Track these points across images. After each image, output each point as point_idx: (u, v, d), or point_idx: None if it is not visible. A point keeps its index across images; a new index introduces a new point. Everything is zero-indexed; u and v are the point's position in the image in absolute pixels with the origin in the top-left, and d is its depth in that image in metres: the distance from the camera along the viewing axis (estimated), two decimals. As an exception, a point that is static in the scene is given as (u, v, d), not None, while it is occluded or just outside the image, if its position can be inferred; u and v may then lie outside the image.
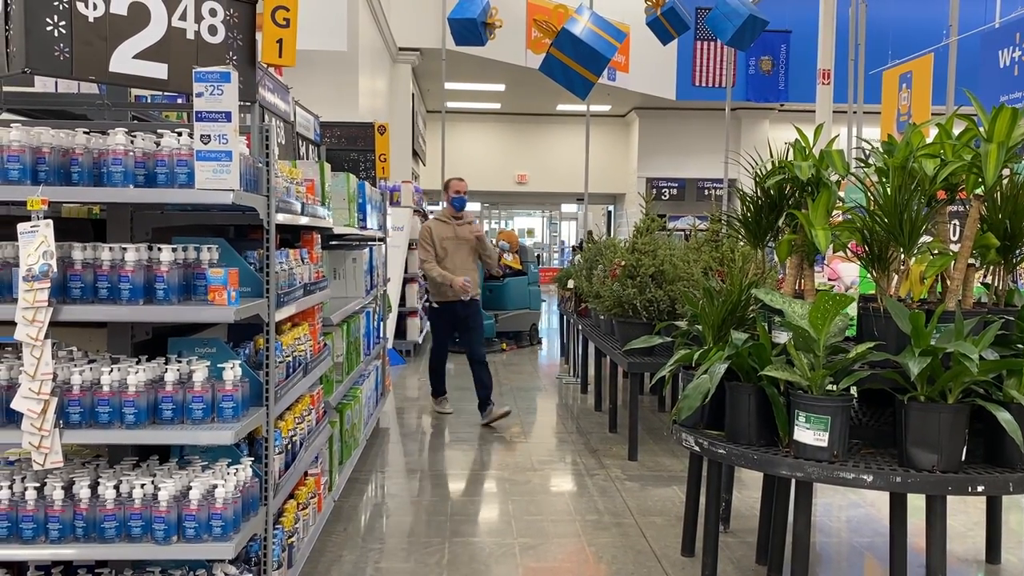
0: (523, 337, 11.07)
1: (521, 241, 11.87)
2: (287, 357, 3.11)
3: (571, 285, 8.07)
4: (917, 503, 3.22)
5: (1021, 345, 3.10)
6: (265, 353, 2.89)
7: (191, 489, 2.55)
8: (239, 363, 2.71)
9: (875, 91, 11.22)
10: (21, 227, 2.40)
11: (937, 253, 3.19)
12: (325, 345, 3.91)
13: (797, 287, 3.59)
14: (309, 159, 5.47)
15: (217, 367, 2.69)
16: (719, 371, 3.21)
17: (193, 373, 2.63)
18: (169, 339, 2.90)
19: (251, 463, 2.79)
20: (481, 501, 4.75)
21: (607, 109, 19.86)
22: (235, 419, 2.65)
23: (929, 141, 3.25)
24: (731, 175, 13.63)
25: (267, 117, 4.13)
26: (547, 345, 11.46)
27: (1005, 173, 3.14)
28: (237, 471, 2.69)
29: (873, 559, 4.00)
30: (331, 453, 4.15)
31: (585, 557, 3.92)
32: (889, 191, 3.12)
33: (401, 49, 13.60)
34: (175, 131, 2.64)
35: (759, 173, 3.69)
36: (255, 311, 2.77)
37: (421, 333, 10.29)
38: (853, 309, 3.29)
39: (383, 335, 6.33)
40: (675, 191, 19.80)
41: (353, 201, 4.89)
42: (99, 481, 2.58)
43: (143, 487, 2.54)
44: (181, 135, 2.61)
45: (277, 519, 3.06)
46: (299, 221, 3.32)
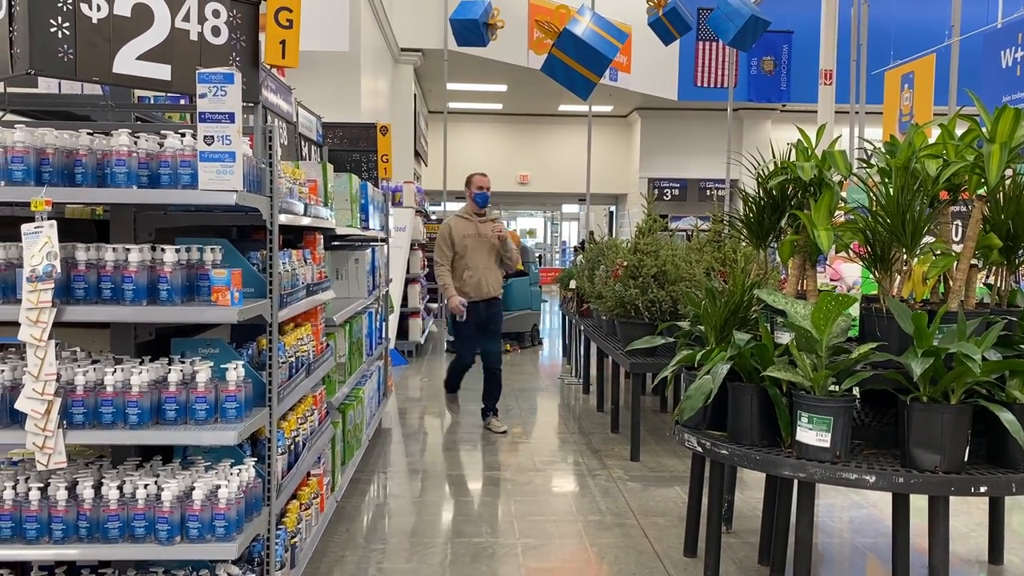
0: (524, 338, 11.08)
1: (523, 241, 11.88)
2: (290, 358, 3.11)
3: (573, 285, 8.07)
4: (920, 504, 3.22)
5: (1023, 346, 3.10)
6: (268, 354, 2.89)
7: (194, 489, 2.56)
8: (242, 364, 2.72)
9: (877, 91, 11.20)
10: (25, 228, 2.40)
11: (940, 254, 3.18)
12: (328, 346, 3.92)
13: (799, 288, 3.59)
14: (311, 160, 5.47)
15: (220, 368, 2.69)
16: (721, 372, 3.21)
17: (196, 374, 2.63)
18: (172, 340, 2.91)
19: (254, 463, 2.79)
20: (483, 501, 4.74)
21: (609, 109, 19.86)
22: (238, 419, 2.66)
23: (931, 141, 3.25)
24: (733, 176, 13.65)
25: (270, 118, 4.13)
26: (548, 345, 11.47)
27: (1008, 174, 3.14)
28: (240, 471, 2.69)
29: (875, 560, 4.00)
30: (334, 453, 4.16)
31: (587, 557, 3.92)
32: (891, 191, 3.12)
33: (403, 50, 13.60)
34: (178, 132, 2.65)
35: (761, 173, 3.69)
36: (258, 312, 2.77)
37: (423, 334, 10.29)
38: (855, 310, 3.28)
39: (385, 336, 6.33)
40: (677, 191, 19.78)
41: (355, 202, 4.89)
42: (103, 481, 2.58)
43: (146, 487, 2.55)
44: (184, 136, 2.61)
45: (280, 519, 3.07)
46: (302, 222, 3.33)
